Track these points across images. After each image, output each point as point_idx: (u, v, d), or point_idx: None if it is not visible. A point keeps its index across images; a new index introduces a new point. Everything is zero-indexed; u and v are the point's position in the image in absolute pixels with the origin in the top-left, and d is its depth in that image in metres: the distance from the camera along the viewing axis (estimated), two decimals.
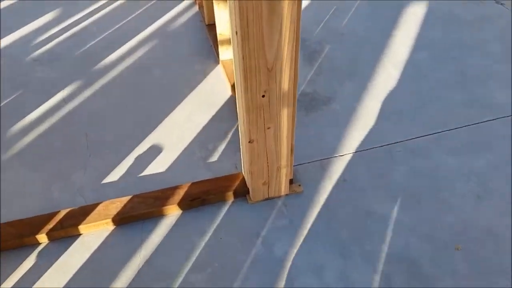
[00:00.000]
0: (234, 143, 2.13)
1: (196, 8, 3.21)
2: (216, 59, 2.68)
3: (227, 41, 2.50)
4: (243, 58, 1.36)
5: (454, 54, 2.64)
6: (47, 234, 1.74)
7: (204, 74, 2.59)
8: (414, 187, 1.91)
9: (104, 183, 1.98)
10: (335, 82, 2.48)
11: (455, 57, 2.61)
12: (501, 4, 3.05)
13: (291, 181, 1.88)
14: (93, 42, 2.92)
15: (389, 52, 2.68)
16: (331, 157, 2.05)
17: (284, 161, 1.75)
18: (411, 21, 2.93)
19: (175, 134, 2.22)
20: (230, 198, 1.87)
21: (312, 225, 1.77)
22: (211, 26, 2.79)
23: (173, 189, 1.88)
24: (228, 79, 2.47)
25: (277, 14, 1.29)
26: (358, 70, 2.56)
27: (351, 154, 2.06)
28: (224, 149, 2.11)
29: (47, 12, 3.24)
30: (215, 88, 2.48)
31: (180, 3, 3.28)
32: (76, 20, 3.15)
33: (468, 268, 1.62)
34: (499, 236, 1.71)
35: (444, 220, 1.78)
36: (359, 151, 2.08)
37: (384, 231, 1.75)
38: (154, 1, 3.32)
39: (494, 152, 2.04)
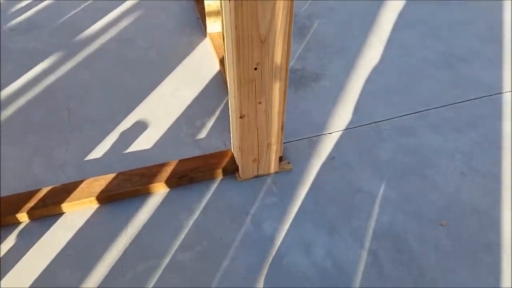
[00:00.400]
0: (223, 119, 2.00)
1: None
2: (203, 32, 2.49)
3: (215, 13, 2.32)
4: (235, 27, 1.22)
5: (440, 33, 2.53)
6: (28, 212, 1.60)
7: (191, 47, 2.41)
8: (400, 164, 1.83)
9: (87, 160, 1.83)
10: (324, 59, 2.35)
11: (442, 36, 2.51)
12: None
13: (280, 159, 1.78)
14: (74, 11, 2.67)
15: (377, 29, 2.55)
16: (320, 135, 1.95)
17: (274, 137, 1.64)
18: None
19: (161, 109, 2.06)
20: (219, 175, 1.76)
21: (301, 203, 1.68)
22: None
23: (160, 167, 1.74)
24: (216, 53, 2.30)
25: None
26: (347, 46, 2.43)
27: (340, 132, 1.96)
28: (213, 126, 1.98)
29: None
30: (203, 62, 2.32)
31: None
32: None
33: (452, 244, 1.57)
34: (482, 212, 1.66)
35: (429, 196, 1.72)
36: (347, 128, 1.98)
37: (371, 208, 1.68)
38: None
39: (478, 131, 1.97)
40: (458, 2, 2.77)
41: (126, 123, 1.99)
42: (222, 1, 1.31)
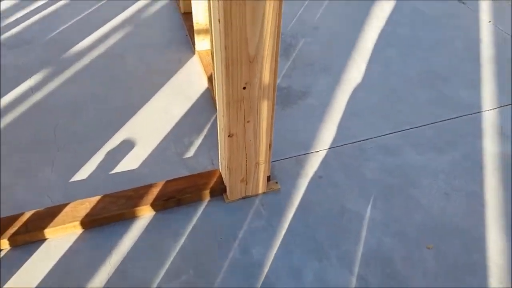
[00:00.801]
0: (211, 137, 1.87)
1: None
2: (192, 49, 2.36)
3: (204, 31, 2.19)
4: (225, 48, 1.15)
5: (420, 52, 2.45)
6: (9, 239, 1.44)
7: (179, 64, 2.27)
8: (385, 184, 1.74)
9: (72, 181, 1.67)
10: (310, 77, 2.24)
11: (422, 55, 2.43)
12: (463, 3, 2.88)
13: (268, 178, 1.66)
14: (63, 27, 2.51)
15: (360, 47, 2.46)
16: (307, 153, 1.84)
17: (262, 156, 1.53)
18: (379, 17, 2.71)
19: (148, 127, 1.92)
20: (207, 197, 1.63)
21: (290, 225, 1.56)
22: (187, 15, 2.45)
23: (147, 188, 1.61)
24: (205, 70, 2.17)
25: (260, 4, 1.10)
26: (331, 64, 2.33)
27: (326, 151, 1.86)
28: (201, 144, 1.85)
29: None
30: (191, 80, 2.18)
31: None
32: (45, 3, 2.71)
33: (438, 266, 1.47)
34: (466, 233, 1.58)
35: (415, 217, 1.62)
36: (333, 147, 1.88)
37: (359, 229, 1.57)
38: None
39: (460, 149, 1.89)
40: (435, 18, 2.70)
41: (113, 142, 1.84)
42: (212, 22, 1.21)
